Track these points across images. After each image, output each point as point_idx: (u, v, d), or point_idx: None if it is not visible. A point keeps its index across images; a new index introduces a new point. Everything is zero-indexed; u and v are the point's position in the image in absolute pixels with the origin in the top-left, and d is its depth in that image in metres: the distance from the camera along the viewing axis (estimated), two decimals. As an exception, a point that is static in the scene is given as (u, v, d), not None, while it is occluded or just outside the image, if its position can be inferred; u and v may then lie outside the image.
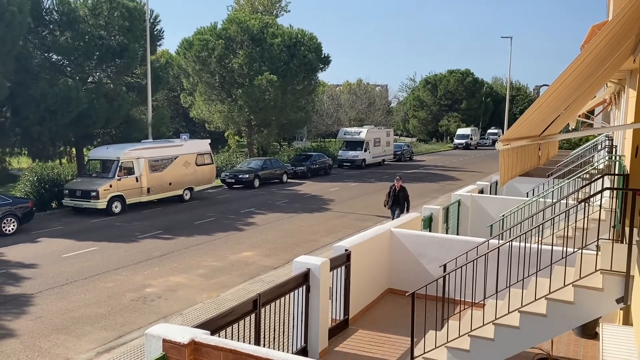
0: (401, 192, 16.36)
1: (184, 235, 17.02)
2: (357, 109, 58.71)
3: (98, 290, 11.52)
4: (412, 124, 78.37)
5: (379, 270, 9.95)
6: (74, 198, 20.82)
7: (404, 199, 16.38)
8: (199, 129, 45.42)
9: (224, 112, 35.28)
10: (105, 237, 16.76)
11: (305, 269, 7.53)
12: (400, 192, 16.35)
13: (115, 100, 25.26)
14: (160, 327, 5.09)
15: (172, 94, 45.23)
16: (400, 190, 16.37)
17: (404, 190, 16.46)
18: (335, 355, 7.67)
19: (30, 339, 9.04)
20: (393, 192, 16.43)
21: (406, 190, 16.56)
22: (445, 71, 75.93)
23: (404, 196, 16.37)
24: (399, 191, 16.37)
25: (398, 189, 16.35)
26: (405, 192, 16.47)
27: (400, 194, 16.35)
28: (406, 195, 16.47)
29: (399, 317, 8.99)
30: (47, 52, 24.88)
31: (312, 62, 35.50)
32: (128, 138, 26.20)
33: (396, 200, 16.40)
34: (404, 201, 16.37)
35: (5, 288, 11.68)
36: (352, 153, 40.16)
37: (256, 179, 29.05)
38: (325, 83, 64.57)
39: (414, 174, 36.95)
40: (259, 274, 12.80)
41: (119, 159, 21.24)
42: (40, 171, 22.71)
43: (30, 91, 22.06)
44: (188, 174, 24.21)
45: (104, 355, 8.43)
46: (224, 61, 33.78)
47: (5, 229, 16.94)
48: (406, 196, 16.43)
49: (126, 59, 25.60)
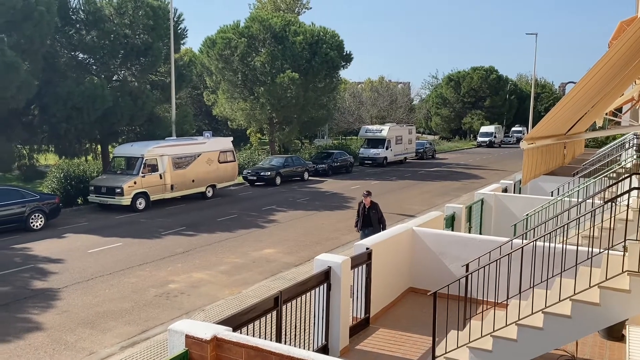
0: (372, 210, 12.70)
1: (207, 232, 17.18)
2: (378, 107, 58.45)
3: (122, 286, 11.72)
4: (435, 121, 77.73)
5: (400, 269, 9.91)
6: (99, 194, 21.19)
7: (377, 219, 12.67)
8: (222, 127, 45.79)
9: (246, 109, 35.49)
10: (130, 233, 17.02)
11: (326, 267, 7.54)
12: (371, 211, 12.68)
13: (139, 98, 25.60)
14: (184, 323, 5.16)
15: (195, 92, 45.66)
16: (370, 209, 12.70)
17: (376, 208, 12.76)
18: (356, 353, 7.67)
19: (57, 332, 9.24)
20: (362, 211, 12.80)
21: (378, 208, 12.84)
22: (469, 68, 75.12)
23: (376, 215, 12.67)
24: (369, 209, 12.70)
25: (368, 207, 12.70)
26: (378, 211, 12.77)
27: (370, 212, 12.67)
28: (379, 214, 12.75)
29: (421, 316, 8.94)
30: (74, 50, 25.32)
31: (333, 59, 35.46)
32: (152, 135, 26.53)
33: (367, 221, 12.73)
34: (377, 223, 12.62)
35: (32, 282, 11.96)
36: (374, 151, 40.01)
37: (278, 177, 29.16)
38: (347, 80, 64.45)
39: (436, 172, 36.67)
40: (280, 271, 12.86)
41: (143, 156, 21.53)
42: (66, 168, 23.18)
43: (57, 89, 22.49)
44: (211, 171, 24.42)
45: (128, 349, 8.56)
46: (246, 59, 33.95)
47: (33, 224, 17.32)
48: (379, 216, 12.73)
49: (150, 58, 25.91)
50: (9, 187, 18.42)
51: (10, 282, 11.92)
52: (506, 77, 77.14)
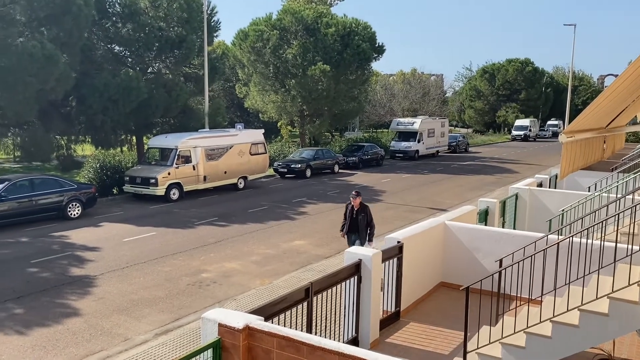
0: (360, 213, 11.35)
1: (238, 222, 17.37)
2: (410, 99, 57.90)
3: (156, 274, 11.96)
4: (468, 114, 76.58)
5: (431, 263, 9.83)
6: (134, 185, 21.63)
7: (366, 223, 11.35)
8: (253, 119, 46.12)
9: (278, 102, 35.63)
10: (164, 222, 17.34)
11: (356, 259, 7.54)
12: (360, 214, 11.35)
13: (173, 90, 25.99)
14: (216, 312, 5.24)
15: (227, 85, 46.08)
16: (359, 211, 11.36)
17: (365, 211, 11.39)
18: (386, 346, 7.65)
19: (93, 318, 9.50)
20: (350, 214, 11.46)
21: (368, 211, 11.44)
22: (504, 60, 73.64)
23: (365, 220, 11.34)
24: (357, 212, 11.36)
25: (357, 209, 11.38)
26: (367, 214, 11.38)
27: (359, 216, 11.34)
28: (368, 218, 11.39)
29: (452, 311, 8.86)
30: (110, 43, 25.86)
31: (365, 51, 35.23)
32: (185, 127, 26.92)
33: (354, 225, 11.42)
34: (365, 227, 11.35)
35: (70, 269, 12.32)
36: (405, 144, 39.66)
37: (308, 169, 29.23)
38: (379, 73, 63.96)
39: (469, 165, 36.17)
40: (310, 262, 12.92)
41: (177, 148, 21.87)
42: (102, 158, 23.74)
43: (94, 81, 23.01)
44: (242, 163, 24.65)
45: (161, 337, 8.75)
46: (278, 51, 34.05)
47: (70, 213, 17.83)
48: (368, 220, 11.40)
49: (184, 50, 26.25)
50: (48, 176, 18.99)
51: (49, 269, 12.31)
52: (542, 69, 75.39)
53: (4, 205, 16.19)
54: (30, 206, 16.85)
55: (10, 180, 17.02)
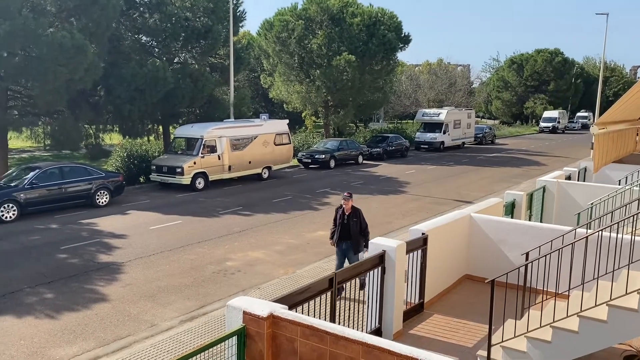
0: (352, 218, 9.61)
1: (262, 212, 17.49)
2: (436, 90, 57.25)
3: (182, 262, 12.13)
4: (495, 105, 75.40)
5: (456, 255, 9.76)
6: (161, 174, 21.94)
7: (359, 229, 9.63)
8: (278, 110, 46.21)
9: (302, 92, 35.60)
10: (189, 211, 17.55)
11: (380, 250, 7.53)
12: (352, 219, 9.60)
13: (199, 80, 26.16)
14: (241, 300, 5.29)
15: (252, 75, 46.20)
16: (351, 216, 9.63)
17: (358, 215, 9.65)
18: (409, 337, 7.64)
19: (121, 304, 9.70)
20: (341, 219, 9.71)
21: (361, 216, 9.69)
22: (533, 50, 72.18)
23: (358, 225, 9.61)
24: (349, 217, 9.62)
25: (348, 214, 9.65)
26: (360, 219, 9.65)
27: (351, 221, 9.60)
28: (362, 223, 9.67)
29: (477, 303, 8.80)
30: (137, 33, 26.12)
31: (391, 41, 34.91)
32: (211, 117, 27.11)
33: (345, 232, 9.65)
34: (358, 233, 9.63)
35: (98, 256, 12.58)
36: (431, 135, 39.30)
37: (332, 160, 29.21)
38: (405, 63, 63.36)
39: (495, 157, 35.68)
40: (334, 253, 12.89)
41: (202, 138, 22.07)
42: (130, 147, 24.12)
43: (121, 71, 23.30)
44: (267, 153, 24.76)
45: (187, 323, 8.89)
46: (303, 42, 33.97)
47: (98, 201, 18.18)
48: (362, 226, 9.68)
49: (210, 40, 26.37)
50: (77, 165, 19.37)
51: (78, 255, 12.59)
52: (572, 60, 73.69)
53: (35, 192, 16.59)
54: (59, 194, 17.24)
55: (41, 168, 17.42)
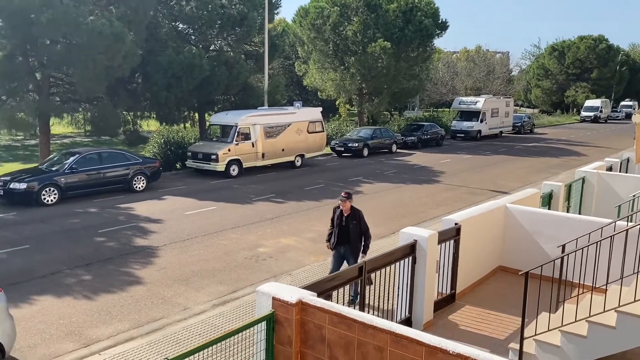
0: (352, 220, 8.61)
1: (295, 200, 17.55)
2: (474, 78, 56.06)
3: (215, 247, 12.31)
4: (535, 94, 73.41)
5: (490, 246, 9.59)
6: (196, 160, 22.26)
7: (358, 232, 8.63)
8: (312, 97, 46.17)
9: (336, 80, 35.43)
10: (223, 197, 17.77)
11: (412, 240, 7.46)
12: (351, 221, 8.61)
13: (234, 67, 26.31)
14: (271, 286, 5.32)
15: (287, 62, 46.22)
16: (350, 218, 8.63)
17: (358, 217, 8.64)
18: (439, 328, 7.57)
19: (155, 287, 9.92)
20: (338, 220, 8.74)
21: (361, 218, 8.68)
22: (575, 37, 69.85)
23: (357, 228, 8.61)
24: (347, 218, 8.64)
25: (347, 215, 8.65)
26: (360, 221, 8.64)
27: (350, 224, 8.61)
28: (362, 226, 8.65)
29: (510, 295, 8.64)
30: (174, 21, 26.42)
31: (428, 28, 34.29)
32: (245, 105, 27.28)
33: (343, 235, 8.67)
34: (357, 237, 8.63)
35: (135, 240, 12.88)
36: (467, 124, 38.62)
37: (365, 148, 29.05)
38: (442, 50, 62.27)
39: (534, 147, 34.84)
40: (366, 241, 12.88)
41: (237, 125, 22.25)
42: (166, 134, 24.55)
43: (158, 58, 23.62)
44: (300, 141, 24.79)
45: (218, 307, 9.03)
46: (338, 28, 33.73)
47: (135, 186, 18.58)
48: (362, 229, 8.65)
49: (245, 28, 26.45)
50: (115, 150, 19.83)
51: (115, 239, 12.92)
52: (617, 47, 70.95)
53: (75, 177, 17.06)
54: (98, 178, 17.68)
55: (81, 153, 17.90)
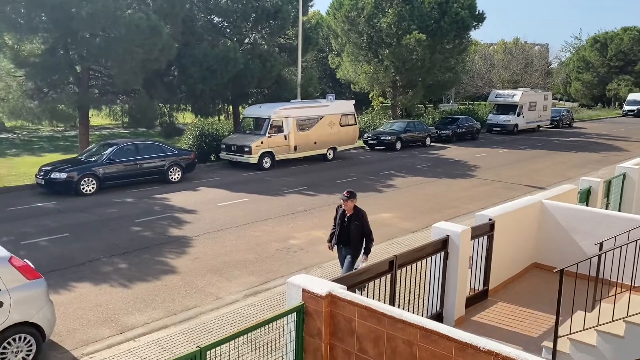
0: (354, 221, 8.33)
1: (326, 192, 17.57)
2: (511, 70, 54.85)
3: (248, 238, 12.45)
4: (575, 87, 71.34)
5: (524, 243, 9.41)
6: (230, 152, 22.52)
7: (360, 234, 8.35)
8: (345, 90, 46.02)
9: (370, 72, 35.21)
10: (256, 189, 17.93)
11: (444, 235, 7.38)
12: (353, 222, 8.34)
13: (268, 60, 26.42)
14: (301, 278, 5.36)
15: (320, 55, 46.17)
16: (352, 218, 8.36)
17: (360, 218, 8.35)
18: (471, 324, 7.48)
19: (189, 276, 10.11)
20: (340, 220, 8.49)
21: (364, 218, 8.38)
22: (618, 28, 67.48)
23: (359, 229, 8.33)
24: (349, 219, 8.37)
25: (349, 215, 8.38)
26: (363, 222, 8.34)
27: (352, 224, 8.34)
28: (365, 228, 8.35)
29: (544, 293, 8.46)
30: (210, 14, 26.67)
31: (464, 19, 33.69)
32: (278, 97, 27.38)
33: (344, 236, 8.42)
34: (359, 239, 8.35)
35: (169, 230, 13.14)
36: (504, 117, 37.88)
37: (398, 142, 28.83)
38: (478, 42, 61.06)
39: (573, 142, 33.93)
40: (397, 236, 12.83)
41: (270, 118, 22.39)
42: (201, 126, 24.91)
43: (194, 51, 23.91)
44: (332, 133, 24.78)
45: (250, 298, 9.14)
46: (372, 21, 33.49)
47: (171, 177, 18.92)
48: (365, 231, 8.36)
49: (279, 21, 26.52)
50: (152, 142, 20.23)
51: (151, 228, 13.21)
52: (663, 38, 68.20)
53: (112, 167, 17.50)
54: (135, 169, 18.08)
55: (118, 144, 18.34)
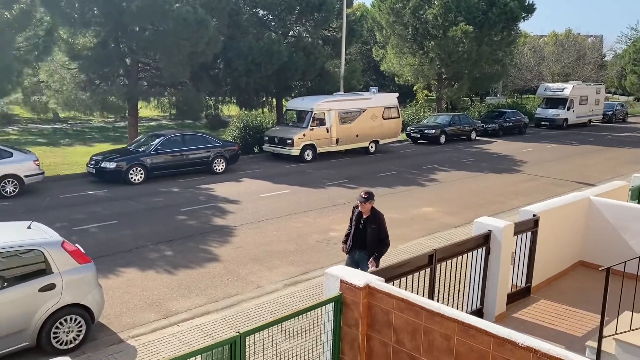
0: (370, 224, 7.77)
1: (367, 185, 17.51)
2: (562, 63, 53.02)
3: (288, 229, 12.60)
4: (630, 80, 68.19)
5: (570, 240, 9.16)
6: (273, 144, 22.77)
7: (376, 237, 7.72)
8: (389, 83, 45.62)
9: (415, 65, 34.76)
10: (297, 181, 18.09)
11: (486, 230, 7.28)
12: (369, 225, 7.77)
13: (312, 53, 26.50)
14: (339, 269, 5.41)
15: (364, 48, 45.90)
16: (368, 221, 7.79)
17: (377, 221, 7.77)
18: (512, 321, 7.36)
19: (231, 265, 10.33)
20: (356, 222, 7.92)
21: (381, 221, 7.80)
22: (680, 18, 64.11)
23: (376, 233, 7.73)
24: (366, 221, 7.81)
25: (365, 217, 7.83)
26: (380, 226, 7.76)
27: (368, 227, 7.77)
28: (382, 232, 7.77)
29: (590, 292, 8.23)
30: (255, 7, 26.94)
31: (513, 10, 32.76)
32: (321, 90, 27.44)
33: (360, 239, 7.83)
34: (375, 243, 7.73)
35: (213, 219, 13.44)
36: (553, 111, 36.77)
37: (442, 135, 28.43)
38: (528, 34, 59.31)
39: (626, 137, 32.66)
40: (438, 230, 12.71)
41: (312, 110, 22.48)
42: (245, 119, 25.25)
43: (239, 44, 24.23)
44: (374, 127, 24.66)
45: (289, 287, 9.27)
46: (418, 12, 33.02)
47: (215, 168, 19.31)
48: (381, 235, 7.77)
49: (324, 13, 26.53)
50: (198, 133, 20.70)
51: (196, 217, 13.55)
52: None
53: (160, 158, 18.00)
54: (181, 160, 18.55)
55: (166, 135, 18.85)
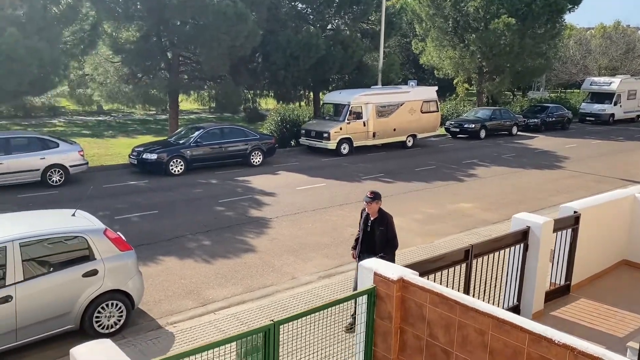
0: (378, 226, 7.31)
1: (404, 180, 17.43)
2: (610, 56, 51.11)
3: (324, 222, 12.65)
4: (682, 74, 65.44)
5: (614, 238, 8.89)
6: (309, 138, 22.84)
7: (384, 239, 7.28)
8: (428, 76, 44.98)
9: (455, 58, 34.17)
10: (333, 175, 18.11)
11: (524, 226, 7.15)
12: (377, 227, 7.31)
13: (350, 46, 26.37)
14: (373, 262, 5.41)
15: (403, 40, 45.38)
16: (376, 223, 7.34)
17: (386, 223, 7.32)
18: (550, 319, 7.22)
19: (266, 256, 10.46)
20: (364, 225, 7.50)
21: (390, 223, 7.34)
22: None
23: (384, 235, 7.28)
24: (373, 223, 7.37)
25: (373, 219, 7.38)
26: (388, 228, 7.31)
27: (376, 230, 7.32)
28: (388, 233, 7.30)
29: (633, 292, 7.99)
30: (294, 1, 27.00)
31: (558, 2, 31.69)
32: (359, 84, 27.30)
33: (368, 242, 7.41)
34: (383, 244, 7.26)
35: (250, 210, 13.62)
36: (598, 106, 35.58)
37: (482, 130, 27.92)
38: (574, 26, 57.41)
39: (676, 134, 31.31)
40: (476, 226, 12.52)
41: (349, 104, 22.43)
42: (283, 112, 25.42)
43: (278, 38, 24.33)
44: (412, 120, 24.41)
45: (324, 280, 9.33)
46: (459, 4, 32.40)
47: (253, 160, 19.53)
48: (389, 237, 7.31)
49: (363, 6, 26.37)
50: (236, 126, 21.00)
51: (233, 209, 13.76)
52: None
53: (199, 150, 18.33)
54: (220, 152, 18.85)
55: (205, 128, 19.19)
